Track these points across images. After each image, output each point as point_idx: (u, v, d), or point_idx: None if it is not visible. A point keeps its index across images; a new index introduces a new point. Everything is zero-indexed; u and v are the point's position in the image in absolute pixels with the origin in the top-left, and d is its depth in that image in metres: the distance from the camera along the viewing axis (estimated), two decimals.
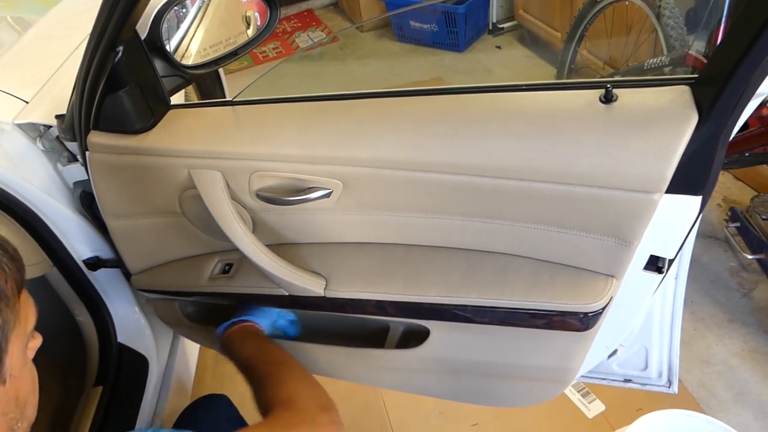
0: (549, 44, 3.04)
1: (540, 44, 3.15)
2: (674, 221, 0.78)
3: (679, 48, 1.83)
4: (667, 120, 0.69)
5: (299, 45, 3.82)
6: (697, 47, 1.80)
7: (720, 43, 0.72)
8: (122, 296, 1.25)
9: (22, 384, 0.56)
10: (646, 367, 0.97)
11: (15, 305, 0.54)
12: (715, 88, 0.66)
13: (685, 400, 1.57)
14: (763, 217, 1.78)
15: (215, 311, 1.26)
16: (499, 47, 3.35)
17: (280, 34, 3.95)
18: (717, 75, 0.66)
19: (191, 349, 1.59)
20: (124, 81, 0.85)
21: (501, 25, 3.39)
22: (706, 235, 2.02)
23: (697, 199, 0.75)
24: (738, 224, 1.88)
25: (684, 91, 0.70)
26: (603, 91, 0.73)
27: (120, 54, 0.81)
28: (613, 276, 0.85)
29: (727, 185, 2.20)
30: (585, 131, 0.73)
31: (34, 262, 1.10)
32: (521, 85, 0.80)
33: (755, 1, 0.59)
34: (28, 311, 0.57)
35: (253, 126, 0.91)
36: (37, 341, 0.64)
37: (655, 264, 0.85)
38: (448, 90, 0.84)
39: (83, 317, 1.27)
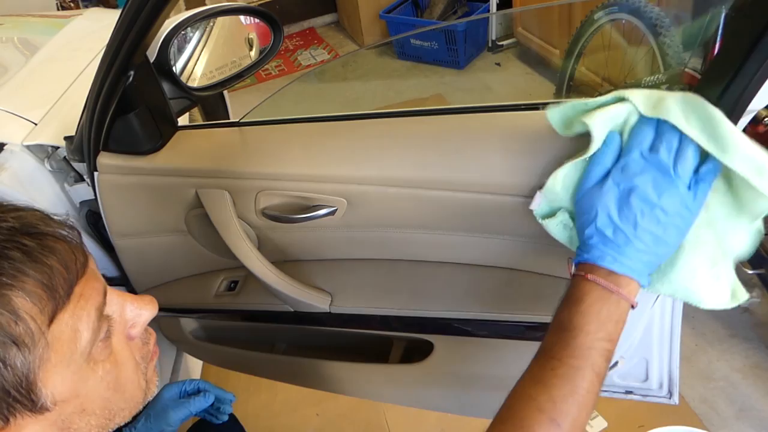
0: (548, 61, 3.07)
1: (539, 61, 3.19)
2: None
3: (676, 66, 1.85)
4: None
5: (301, 63, 3.86)
6: (693, 64, 1.83)
7: (710, 62, 0.73)
8: None
9: (85, 400, 0.51)
10: (646, 379, 0.98)
11: (41, 336, 0.46)
12: None
13: (687, 416, 1.57)
14: (763, 232, 1.79)
15: (219, 329, 1.27)
16: (498, 64, 3.38)
17: (282, 52, 3.99)
18: (708, 94, 0.67)
19: (194, 366, 1.60)
20: (135, 104, 0.87)
21: (500, 43, 3.43)
22: None
23: None
24: None
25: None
26: None
27: (131, 78, 0.83)
28: None
29: None
30: (583, 149, 0.74)
31: None
32: (521, 105, 0.82)
33: (744, 21, 0.61)
34: (79, 326, 0.49)
35: (259, 146, 0.93)
36: (134, 328, 0.58)
37: None
38: (450, 110, 0.86)
39: None
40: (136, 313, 0.59)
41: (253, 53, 1.41)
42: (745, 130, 0.63)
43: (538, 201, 0.71)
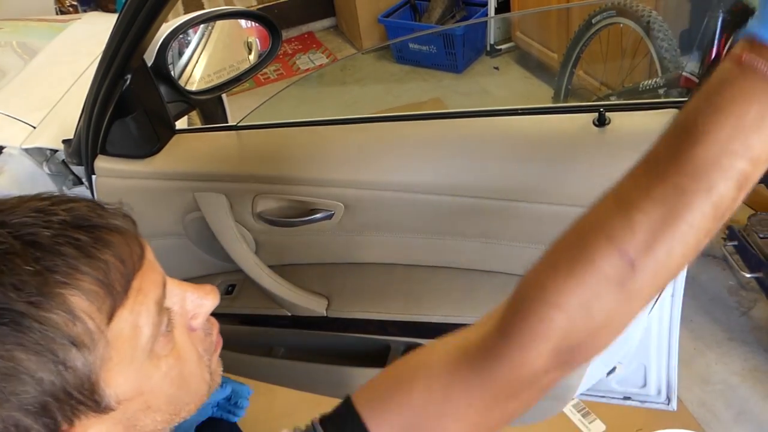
0: (546, 65, 3.08)
1: (537, 65, 3.19)
2: None
3: (673, 69, 1.86)
4: None
5: (300, 67, 3.87)
6: (690, 68, 1.83)
7: (708, 65, 0.74)
8: None
9: (150, 397, 0.50)
10: (645, 385, 0.98)
11: (101, 335, 0.44)
12: None
13: (685, 419, 1.56)
14: (761, 235, 1.79)
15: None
16: (497, 68, 3.39)
17: (281, 56, 3.99)
18: None
19: None
20: (132, 107, 0.87)
21: (499, 47, 3.43)
22: (704, 254, 2.02)
23: None
24: (736, 243, 1.89)
25: (674, 114, 0.73)
26: (596, 114, 0.75)
27: (128, 81, 0.83)
28: None
29: None
30: (579, 153, 0.75)
31: None
32: (518, 109, 0.82)
33: (740, 22, 0.62)
34: (139, 322, 0.47)
35: (256, 150, 0.93)
36: (196, 319, 0.54)
37: None
38: (447, 114, 0.86)
39: None
40: (197, 303, 0.55)
41: (252, 57, 1.41)
42: None
43: None
